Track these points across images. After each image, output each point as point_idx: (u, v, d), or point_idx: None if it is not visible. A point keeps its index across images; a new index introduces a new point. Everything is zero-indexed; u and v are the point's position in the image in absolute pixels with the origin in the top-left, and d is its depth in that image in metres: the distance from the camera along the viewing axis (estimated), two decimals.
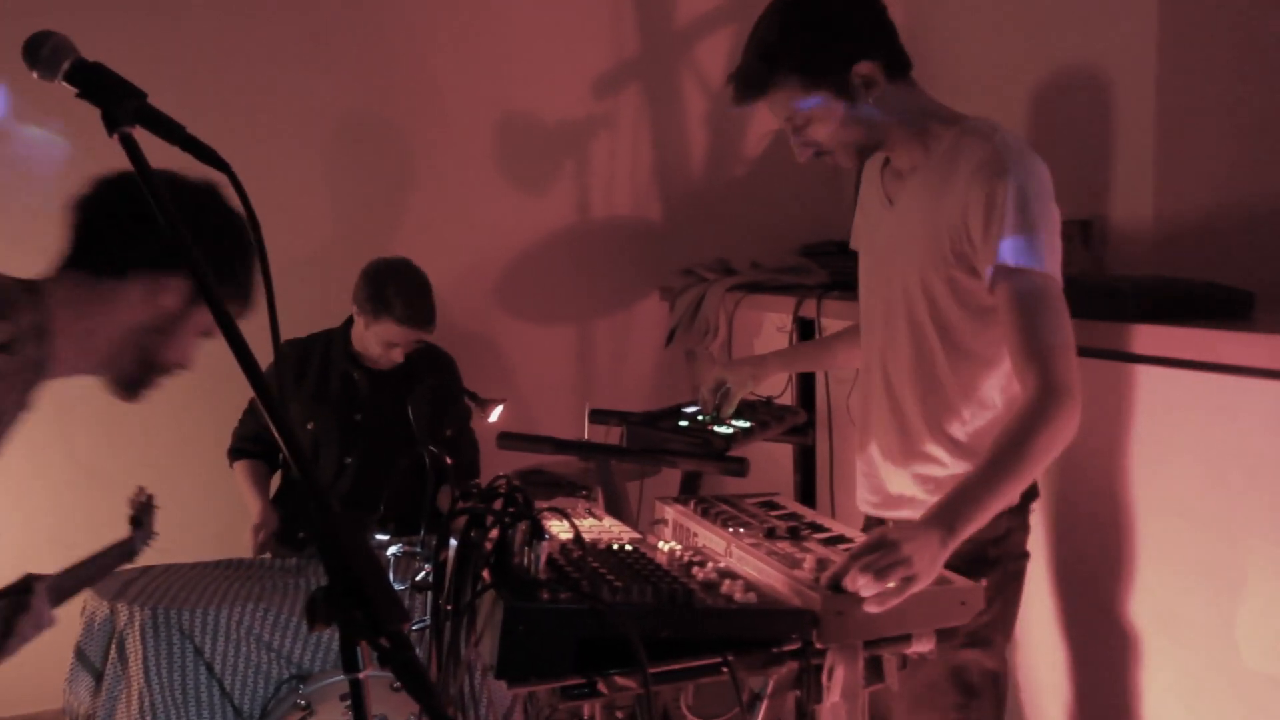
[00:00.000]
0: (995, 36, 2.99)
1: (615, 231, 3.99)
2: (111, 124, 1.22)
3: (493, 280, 3.87)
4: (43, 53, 1.28)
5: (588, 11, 3.88)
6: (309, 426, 3.10)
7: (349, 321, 3.13)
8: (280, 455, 3.23)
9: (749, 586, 1.51)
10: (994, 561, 1.83)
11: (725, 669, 1.43)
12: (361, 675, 1.01)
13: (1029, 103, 2.80)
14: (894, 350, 1.90)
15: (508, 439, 2.26)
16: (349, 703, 2.43)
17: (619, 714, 2.13)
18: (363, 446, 3.10)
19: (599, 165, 3.95)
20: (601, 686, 1.38)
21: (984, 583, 1.62)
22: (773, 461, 3.36)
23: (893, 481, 1.95)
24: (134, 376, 1.57)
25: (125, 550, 2.18)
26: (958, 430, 1.84)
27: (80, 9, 3.15)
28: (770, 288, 3.55)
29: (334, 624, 1.00)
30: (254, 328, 1.23)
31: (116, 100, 1.23)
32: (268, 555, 3.00)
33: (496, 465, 2.34)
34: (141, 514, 2.29)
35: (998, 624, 1.85)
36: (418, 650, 1.04)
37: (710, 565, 1.60)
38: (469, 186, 3.79)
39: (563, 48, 3.85)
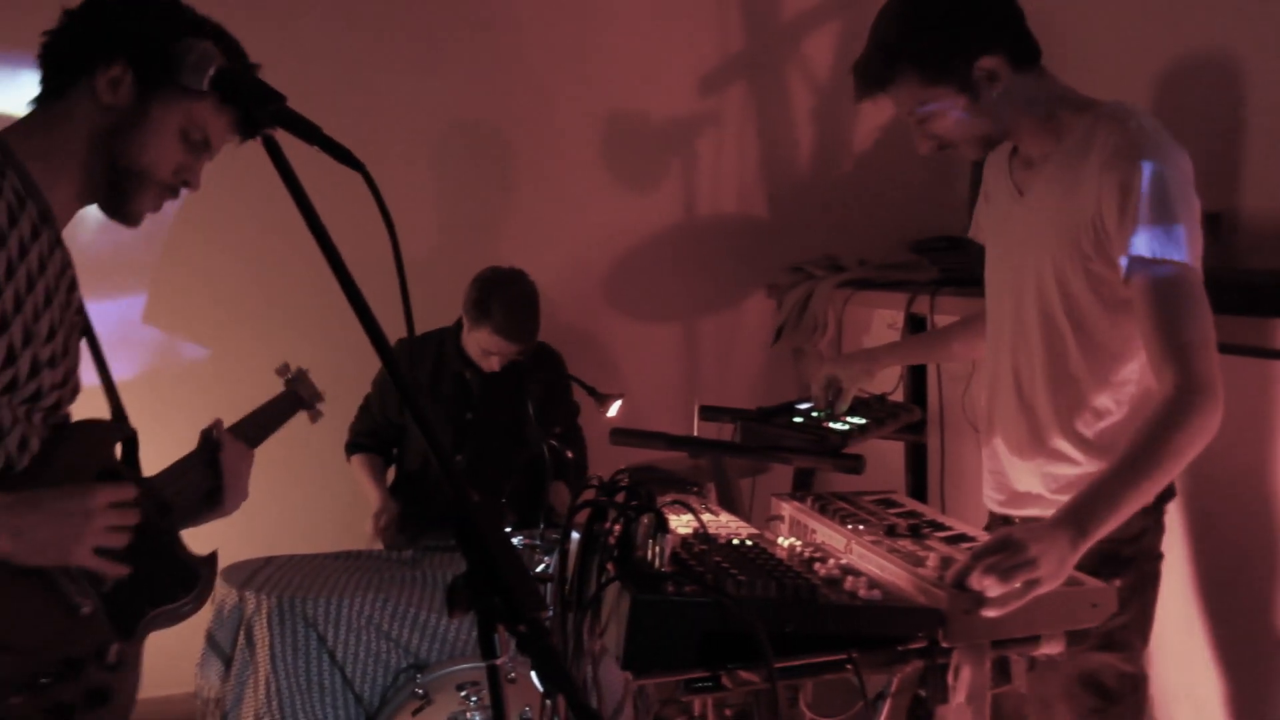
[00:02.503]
0: (1120, 21, 2.90)
1: (722, 229, 3.98)
2: (254, 126, 1.27)
3: (600, 278, 3.90)
4: (189, 60, 1.34)
5: (693, 9, 3.88)
6: None
7: (460, 322, 3.18)
8: (394, 449, 3.31)
9: (873, 583, 1.50)
10: (1128, 561, 1.77)
11: (850, 666, 1.42)
12: (499, 661, 1.04)
13: (1155, 90, 2.71)
14: (1024, 344, 1.85)
15: (621, 435, 2.27)
16: (465, 692, 2.49)
17: (727, 712, 2.13)
18: (474, 445, 3.15)
19: (705, 163, 3.95)
20: (725, 680, 1.38)
21: (1117, 583, 1.58)
22: (881, 459, 3.31)
23: (1020, 479, 1.90)
24: (111, 188, 1.52)
25: (290, 401, 2.10)
26: (1087, 427, 1.79)
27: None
28: (880, 284, 3.51)
29: (473, 610, 1.02)
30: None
31: (258, 104, 1.28)
32: (381, 547, 3.07)
33: (603, 461, 2.36)
34: (298, 380, 2.17)
35: (1135, 626, 1.79)
36: None
37: (832, 561, 1.59)
38: (576, 186, 3.83)
39: (668, 46, 3.86)
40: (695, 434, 2.57)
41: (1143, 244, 1.60)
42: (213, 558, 1.72)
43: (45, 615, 1.43)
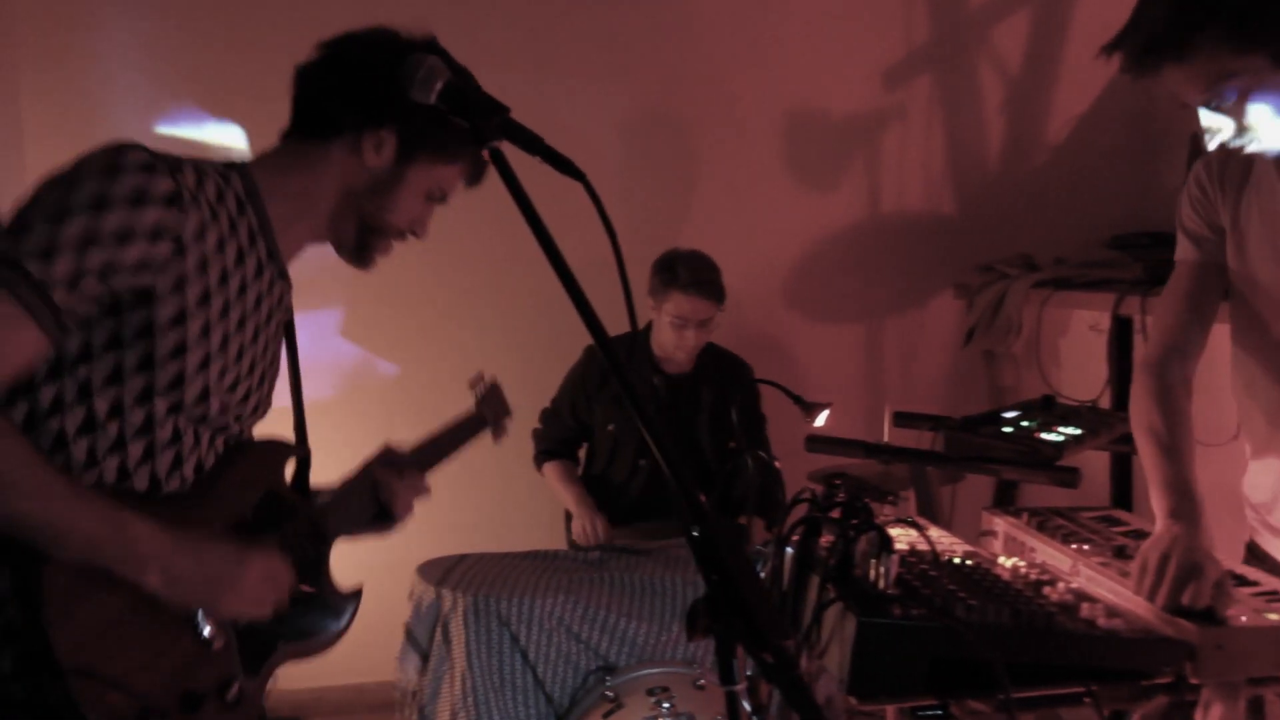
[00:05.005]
0: None
1: (907, 227, 3.86)
2: (480, 139, 1.27)
3: (781, 278, 3.84)
4: (418, 75, 1.36)
5: (877, 2, 3.78)
6: (609, 429, 3.18)
7: (649, 326, 3.19)
8: (577, 452, 3.33)
9: (1111, 611, 1.40)
10: None
11: (1088, 699, 1.33)
12: (738, 688, 1.00)
13: None
14: None
15: (817, 443, 2.22)
16: (655, 698, 2.48)
17: None
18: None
19: (890, 159, 3.84)
20: (954, 709, 1.31)
21: None
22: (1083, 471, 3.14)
23: None
24: (356, 241, 1.55)
25: (474, 423, 2.08)
26: None
27: (386, 13, 3.37)
28: (1079, 284, 3.33)
29: (712, 634, 0.99)
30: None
31: (484, 117, 1.28)
32: (563, 548, 3.10)
33: (784, 466, 2.31)
34: (490, 395, 2.16)
35: None
36: None
37: (1061, 585, 1.50)
38: (758, 184, 3.78)
39: (852, 40, 3.77)
40: (886, 440, 2.49)
41: None
42: (358, 594, 1.67)
43: (173, 648, 1.37)
